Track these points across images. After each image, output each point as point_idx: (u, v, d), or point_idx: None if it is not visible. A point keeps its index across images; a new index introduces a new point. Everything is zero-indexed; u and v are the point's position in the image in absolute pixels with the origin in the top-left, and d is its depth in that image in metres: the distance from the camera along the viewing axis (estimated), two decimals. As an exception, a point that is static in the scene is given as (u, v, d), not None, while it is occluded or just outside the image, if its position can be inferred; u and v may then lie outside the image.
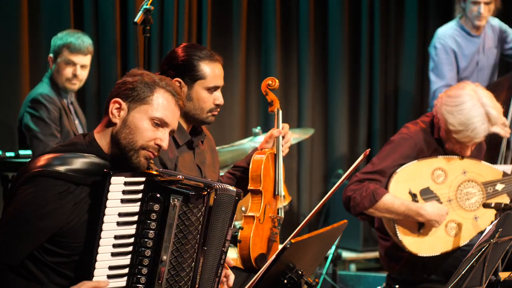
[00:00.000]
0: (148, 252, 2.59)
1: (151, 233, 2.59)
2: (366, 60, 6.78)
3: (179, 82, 3.26)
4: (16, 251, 2.52)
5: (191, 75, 3.25)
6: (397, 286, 4.18)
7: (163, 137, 2.67)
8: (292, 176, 6.54)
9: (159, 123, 2.67)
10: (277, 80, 3.60)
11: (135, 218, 2.59)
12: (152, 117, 2.65)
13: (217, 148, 3.86)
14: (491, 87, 5.26)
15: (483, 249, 3.00)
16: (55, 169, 2.54)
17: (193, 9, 5.89)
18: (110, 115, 2.66)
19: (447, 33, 5.51)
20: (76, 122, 4.79)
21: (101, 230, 2.53)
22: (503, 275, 3.55)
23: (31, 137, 4.54)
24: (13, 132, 5.04)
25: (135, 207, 2.58)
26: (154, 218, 2.58)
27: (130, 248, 2.59)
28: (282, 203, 3.63)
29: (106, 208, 2.53)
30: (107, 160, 2.65)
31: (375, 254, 6.14)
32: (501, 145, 5.00)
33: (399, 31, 6.96)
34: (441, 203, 3.99)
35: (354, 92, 6.80)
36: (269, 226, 3.52)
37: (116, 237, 2.56)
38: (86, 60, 4.70)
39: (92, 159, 2.62)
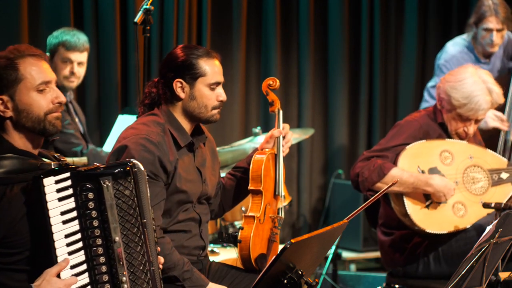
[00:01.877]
0: (99, 241, 2.62)
1: (95, 222, 2.62)
2: (366, 60, 6.78)
3: (181, 83, 3.26)
4: None
5: (192, 74, 3.26)
6: (397, 286, 4.19)
7: (55, 94, 2.68)
8: (292, 176, 6.54)
9: (44, 88, 2.68)
10: (278, 80, 3.60)
11: (75, 213, 2.61)
12: (34, 87, 2.66)
13: (217, 148, 3.86)
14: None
15: (483, 249, 3.00)
16: None
17: (193, 9, 5.89)
18: (1, 113, 2.65)
19: (455, 57, 5.39)
20: (76, 120, 4.79)
21: (53, 233, 2.55)
22: (503, 275, 3.56)
23: None
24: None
25: (71, 203, 2.61)
26: (92, 207, 2.61)
27: (81, 244, 2.61)
28: (282, 203, 3.64)
29: (50, 211, 2.55)
30: (26, 154, 2.65)
31: (375, 254, 6.14)
32: (497, 145, 5.00)
33: (399, 31, 6.96)
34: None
35: (354, 92, 6.80)
36: (269, 226, 3.53)
37: (66, 236, 2.58)
38: (83, 57, 4.70)
39: (13, 157, 2.62)
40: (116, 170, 2.64)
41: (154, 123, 3.25)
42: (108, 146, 4.96)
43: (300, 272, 2.75)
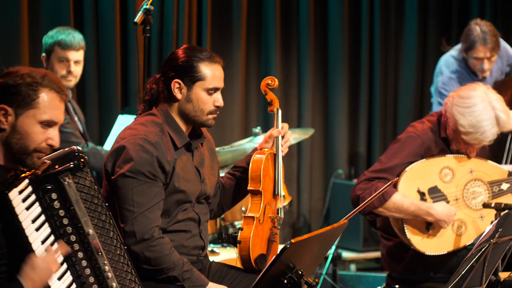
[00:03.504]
0: (73, 237, 2.65)
1: (65, 220, 2.64)
2: (366, 60, 6.78)
3: (179, 84, 3.26)
4: None
5: (191, 76, 3.25)
6: (397, 286, 4.18)
7: (53, 136, 2.70)
8: (292, 176, 6.54)
9: (49, 124, 2.68)
10: (276, 80, 3.60)
11: (43, 217, 2.63)
12: (41, 120, 2.67)
13: (217, 148, 3.86)
14: (496, 86, 5.25)
15: (483, 249, 3.00)
16: None
17: (193, 9, 5.89)
18: None
19: (453, 79, 5.32)
20: (75, 118, 4.79)
21: (30, 243, 2.57)
22: (503, 275, 3.55)
23: None
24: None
25: (37, 208, 2.63)
26: (58, 207, 2.64)
27: (56, 245, 2.62)
28: (282, 203, 3.63)
29: (22, 223, 2.57)
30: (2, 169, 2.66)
31: (375, 254, 6.14)
32: (506, 143, 4.99)
33: (399, 31, 6.96)
34: (448, 202, 4.01)
35: (354, 92, 6.80)
36: (269, 227, 3.52)
37: (42, 242, 2.60)
38: (79, 55, 4.69)
39: None
40: (72, 164, 2.67)
41: (152, 123, 3.25)
42: (108, 146, 4.95)
43: (300, 272, 2.75)
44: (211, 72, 3.27)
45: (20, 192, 2.59)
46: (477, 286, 3.10)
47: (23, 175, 2.64)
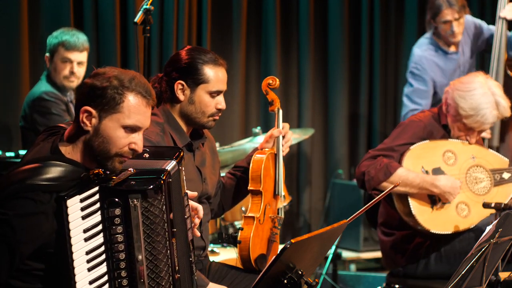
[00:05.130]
0: (122, 255, 2.58)
1: (120, 237, 2.58)
2: (366, 60, 6.78)
3: (182, 85, 3.26)
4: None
5: (194, 79, 3.25)
6: (397, 286, 4.19)
7: (137, 141, 2.64)
8: (292, 176, 6.54)
9: (133, 129, 2.63)
10: (277, 80, 3.60)
11: (100, 227, 2.58)
12: (125, 125, 2.61)
13: (217, 148, 3.86)
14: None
15: (483, 249, 3.00)
16: (34, 182, 2.49)
17: (193, 9, 5.89)
18: (81, 124, 2.60)
19: (423, 57, 5.38)
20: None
21: (72, 252, 2.52)
22: (503, 275, 3.56)
23: None
24: (13, 132, 5.03)
25: (97, 217, 2.57)
26: (118, 222, 2.57)
27: (103, 256, 2.58)
28: (282, 203, 3.63)
29: (71, 231, 2.51)
30: (76, 165, 2.61)
31: (375, 254, 6.14)
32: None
33: (399, 31, 6.96)
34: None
35: (354, 92, 6.80)
36: (269, 227, 3.52)
37: (87, 252, 2.56)
38: (83, 56, 4.70)
39: (65, 166, 2.58)
40: (147, 188, 2.57)
41: (153, 123, 3.24)
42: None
43: (300, 272, 2.75)
44: (215, 75, 3.26)
45: (83, 199, 2.53)
46: (477, 286, 3.09)
47: (93, 180, 2.56)
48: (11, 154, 4.35)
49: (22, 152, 4.37)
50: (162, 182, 2.59)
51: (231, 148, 4.88)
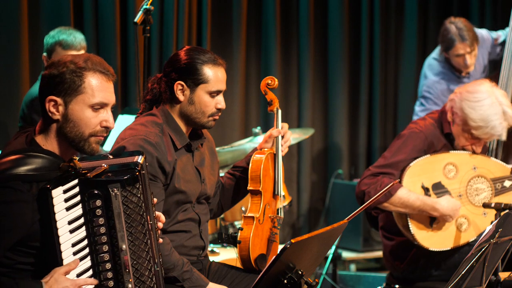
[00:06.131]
0: (105, 248, 2.61)
1: (102, 229, 2.61)
2: (366, 60, 6.78)
3: (182, 85, 3.25)
4: None
5: (194, 79, 3.25)
6: (397, 286, 4.18)
7: (107, 117, 2.68)
8: (292, 176, 6.54)
9: (100, 107, 2.66)
10: (276, 79, 3.59)
11: (82, 219, 2.60)
12: (91, 104, 2.64)
13: (217, 148, 3.86)
14: None
15: (483, 249, 3.00)
16: (15, 172, 2.52)
17: (193, 9, 5.89)
18: (49, 114, 2.64)
19: (437, 82, 5.31)
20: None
21: (59, 244, 2.54)
22: (503, 275, 3.55)
23: None
24: (13, 132, 5.03)
25: (79, 209, 2.60)
26: (100, 214, 2.60)
27: (87, 250, 2.60)
28: (282, 203, 3.63)
29: (57, 222, 2.54)
30: (53, 156, 2.64)
31: (375, 254, 6.14)
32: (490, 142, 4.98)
33: (399, 31, 6.96)
34: (452, 198, 4.02)
35: (354, 92, 6.80)
36: (269, 227, 3.52)
37: (73, 245, 2.58)
38: None
39: (44, 157, 2.61)
40: (125, 177, 2.61)
41: (152, 123, 3.25)
42: (109, 146, 4.95)
43: (300, 272, 2.75)
44: (215, 75, 3.26)
45: (66, 191, 2.56)
46: (477, 286, 3.09)
47: (72, 174, 2.59)
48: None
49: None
50: (137, 172, 2.64)
51: (231, 148, 4.88)
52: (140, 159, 2.70)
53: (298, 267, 2.75)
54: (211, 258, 3.71)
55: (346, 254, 6.12)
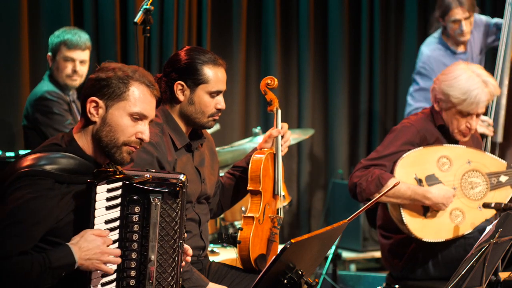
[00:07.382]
0: (134, 255, 2.62)
1: (135, 236, 2.62)
2: (366, 60, 6.78)
3: (182, 86, 3.26)
4: (10, 250, 2.50)
5: (194, 79, 3.25)
6: (397, 286, 4.19)
7: (143, 130, 2.70)
8: (292, 176, 6.54)
9: (139, 117, 2.69)
10: (276, 79, 3.60)
11: (117, 223, 2.61)
12: (131, 112, 2.67)
13: (217, 148, 3.85)
14: None
15: (483, 249, 3.00)
16: (42, 168, 2.54)
17: (193, 9, 5.89)
18: (89, 115, 2.67)
19: (432, 57, 5.38)
20: (79, 118, 4.79)
21: None
22: (503, 275, 3.56)
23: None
24: (13, 132, 5.03)
25: (117, 212, 2.61)
26: (136, 221, 2.61)
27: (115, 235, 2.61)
28: (282, 203, 3.63)
29: (95, 218, 2.55)
30: (88, 159, 2.66)
31: (375, 254, 6.14)
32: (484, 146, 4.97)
33: (399, 31, 6.96)
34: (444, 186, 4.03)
35: (354, 92, 6.80)
36: (269, 227, 3.52)
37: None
38: (85, 55, 4.71)
39: (74, 158, 2.63)
40: (168, 190, 2.63)
41: (152, 123, 3.24)
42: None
43: (300, 272, 2.75)
44: (215, 75, 3.27)
45: (109, 190, 2.58)
46: (477, 286, 3.10)
47: (117, 176, 2.61)
48: (11, 154, 4.35)
49: (23, 152, 4.36)
50: (179, 188, 2.66)
51: (231, 148, 4.88)
52: (182, 177, 2.73)
53: (298, 267, 2.75)
54: (211, 258, 3.71)
55: (346, 254, 6.12)
